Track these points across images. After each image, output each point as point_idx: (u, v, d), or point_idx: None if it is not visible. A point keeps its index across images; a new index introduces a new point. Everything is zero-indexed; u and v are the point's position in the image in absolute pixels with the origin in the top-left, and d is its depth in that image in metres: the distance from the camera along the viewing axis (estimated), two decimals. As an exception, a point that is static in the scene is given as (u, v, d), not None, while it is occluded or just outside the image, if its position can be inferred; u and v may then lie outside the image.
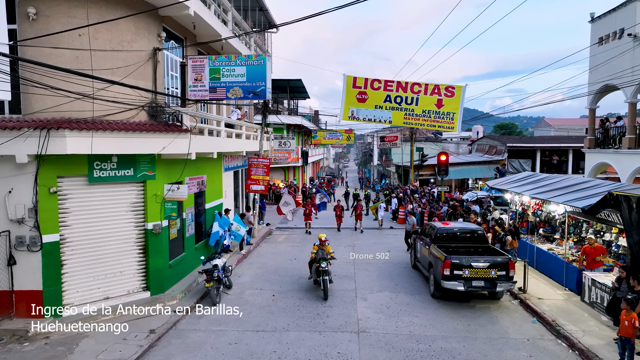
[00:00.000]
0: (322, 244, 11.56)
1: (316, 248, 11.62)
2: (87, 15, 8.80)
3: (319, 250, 11.50)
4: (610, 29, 19.14)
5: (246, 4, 18.05)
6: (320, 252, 11.45)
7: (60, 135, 8.29)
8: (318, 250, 11.52)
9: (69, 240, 9.39)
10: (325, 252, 11.47)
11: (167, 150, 9.89)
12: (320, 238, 11.70)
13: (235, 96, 10.78)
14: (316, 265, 11.26)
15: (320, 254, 11.40)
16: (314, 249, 11.69)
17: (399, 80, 11.91)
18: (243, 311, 10.09)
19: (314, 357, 7.96)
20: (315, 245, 11.74)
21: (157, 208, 10.52)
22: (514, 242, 13.24)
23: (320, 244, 11.58)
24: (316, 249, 11.57)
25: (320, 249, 11.50)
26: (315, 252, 11.53)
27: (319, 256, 11.33)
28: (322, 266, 11.02)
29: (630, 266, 8.66)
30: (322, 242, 11.58)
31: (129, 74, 9.58)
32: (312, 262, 11.77)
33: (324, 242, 11.59)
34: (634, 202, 8.34)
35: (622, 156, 18.11)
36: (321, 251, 11.47)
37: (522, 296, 11.04)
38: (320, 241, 11.61)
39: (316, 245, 11.72)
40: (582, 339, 8.48)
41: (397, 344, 8.47)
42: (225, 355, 8.04)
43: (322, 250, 11.49)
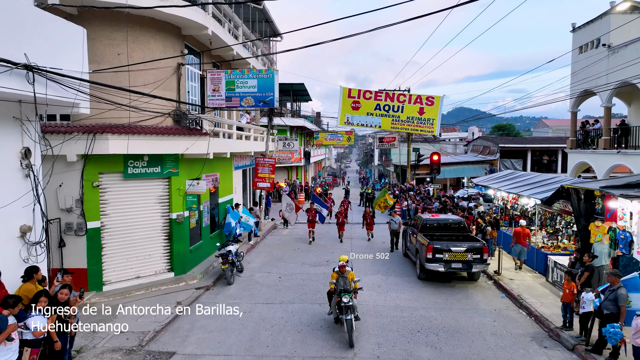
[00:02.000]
0: (342, 270, 9.10)
1: (335, 276, 9.12)
2: (126, 38, 10.51)
3: (339, 278, 9.03)
4: (589, 39, 20.75)
5: (254, 17, 19.75)
6: (342, 280, 8.99)
7: (103, 138, 10.01)
8: (338, 278, 9.04)
9: (108, 227, 11.10)
10: (347, 281, 9.01)
11: (190, 150, 11.60)
12: (340, 263, 9.21)
13: (248, 104, 12.51)
14: (337, 299, 8.87)
15: (342, 283, 8.96)
16: (332, 277, 9.20)
17: (387, 91, 13.80)
18: (254, 289, 11.79)
19: (314, 321, 9.63)
20: (334, 272, 9.23)
21: (180, 200, 12.21)
22: (493, 232, 14.87)
23: (339, 270, 9.10)
24: (335, 277, 9.10)
25: (341, 277, 9.04)
26: (334, 282, 9.05)
27: (339, 287, 8.92)
28: (344, 301, 8.56)
29: (582, 247, 10.31)
30: (342, 268, 9.10)
31: (158, 86, 11.27)
32: (331, 293, 9.30)
33: (344, 269, 9.12)
34: (582, 193, 9.99)
35: (599, 156, 19.70)
36: (342, 280, 9.00)
37: (496, 277, 12.69)
38: (340, 268, 9.11)
39: (335, 272, 9.21)
40: (539, 308, 10.12)
41: (384, 312, 10.15)
42: (240, 320, 9.71)
43: (344, 279, 9.03)
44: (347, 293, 8.70)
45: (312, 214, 18.12)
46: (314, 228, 18.14)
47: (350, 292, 8.75)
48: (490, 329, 9.27)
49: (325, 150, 59.88)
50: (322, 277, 12.78)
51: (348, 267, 9.31)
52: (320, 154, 51.28)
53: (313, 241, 17.98)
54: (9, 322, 5.28)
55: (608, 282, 7.62)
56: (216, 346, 8.41)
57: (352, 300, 8.64)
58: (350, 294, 8.71)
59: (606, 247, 9.66)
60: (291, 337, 8.84)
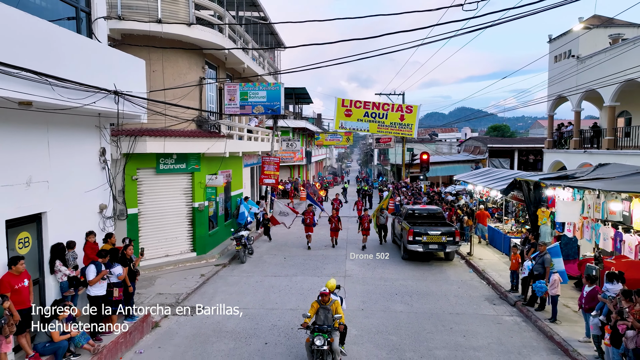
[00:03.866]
0: (325, 299, 6.82)
1: (315, 307, 6.89)
2: (160, 58, 12.85)
3: (320, 310, 6.87)
4: (562, 50, 23.04)
5: (261, 30, 22.11)
6: (323, 314, 6.84)
7: (143, 140, 12.34)
8: (319, 310, 6.87)
9: (143, 214, 13.44)
10: (330, 314, 6.80)
11: (210, 150, 13.92)
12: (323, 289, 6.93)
13: (258, 112, 14.85)
14: (307, 340, 6.73)
15: (322, 317, 6.82)
16: (311, 308, 6.92)
17: (374, 102, 16.38)
18: (263, 266, 14.12)
19: (314, 287, 11.92)
20: (314, 302, 6.98)
21: (201, 192, 14.54)
22: (469, 221, 17.16)
23: (321, 299, 6.85)
24: (315, 309, 6.87)
25: (322, 309, 6.86)
26: (311, 316, 6.82)
27: (317, 322, 6.82)
28: (317, 344, 6.46)
29: (531, 229, 12.61)
30: (325, 296, 6.83)
31: (184, 97, 13.61)
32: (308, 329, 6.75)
33: (327, 297, 6.84)
34: (531, 185, 12.29)
35: (570, 155, 22.00)
36: (323, 313, 6.84)
37: (468, 258, 14.99)
38: (322, 296, 6.84)
39: (316, 301, 6.96)
40: (496, 279, 12.42)
41: (369, 282, 12.48)
42: (253, 287, 12.05)
43: (326, 312, 6.83)
44: (321, 333, 6.48)
45: (310, 217, 16.70)
46: (312, 232, 16.67)
47: (326, 333, 6.51)
48: (454, 293, 11.59)
49: (326, 150, 62.21)
50: (321, 258, 15.12)
51: (335, 295, 7.19)
52: (321, 153, 53.62)
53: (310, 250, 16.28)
54: (101, 268, 7.64)
55: (539, 250, 9.91)
56: (236, 303, 10.71)
57: (328, 343, 6.45)
58: (326, 335, 6.48)
59: (549, 228, 11.95)
60: (295, 297, 11.18)
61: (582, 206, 9.97)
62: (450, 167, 34.94)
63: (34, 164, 6.96)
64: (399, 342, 8.55)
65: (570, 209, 10.01)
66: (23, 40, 5.76)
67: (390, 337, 8.75)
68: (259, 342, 8.49)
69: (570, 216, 10.11)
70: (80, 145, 8.29)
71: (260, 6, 19.13)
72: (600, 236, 9.50)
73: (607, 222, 9.28)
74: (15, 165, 6.56)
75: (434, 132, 64.67)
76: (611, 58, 17.96)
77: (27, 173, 6.76)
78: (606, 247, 9.63)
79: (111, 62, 7.97)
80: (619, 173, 10.33)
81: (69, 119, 7.59)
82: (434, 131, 67.72)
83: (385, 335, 8.85)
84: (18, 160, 6.62)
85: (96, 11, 8.36)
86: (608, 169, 11.15)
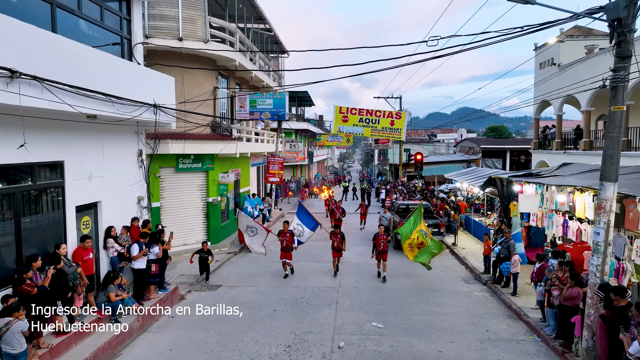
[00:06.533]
0: None
1: None
2: (180, 70, 14.71)
3: None
4: (546, 57, 24.81)
5: (267, 39, 23.99)
6: None
7: (165, 142, 14.19)
8: None
9: (164, 207, 15.30)
10: None
11: (223, 151, 15.77)
12: None
13: (265, 117, 16.70)
14: None
15: None
16: None
17: (368, 109, 18.26)
18: (270, 254, 15.93)
19: (314, 271, 13.79)
20: None
21: (214, 188, 16.39)
22: (456, 215, 18.96)
23: None
24: None
25: None
26: None
27: None
28: None
29: (505, 220, 14.41)
30: None
31: (201, 104, 15.47)
32: None
33: None
34: (504, 181, 14.08)
35: (553, 155, 23.74)
36: None
37: (452, 247, 16.79)
38: None
39: None
40: (474, 264, 14.20)
41: (363, 266, 14.31)
42: (262, 270, 13.89)
43: None
44: None
45: (288, 238, 13.08)
46: (290, 259, 13.11)
47: None
48: (435, 274, 13.40)
49: (327, 150, 64.02)
50: (320, 248, 16.94)
51: None
52: (323, 154, 55.44)
53: (291, 274, 13.20)
54: (143, 247, 9.52)
55: (504, 236, 11.71)
56: (248, 283, 12.60)
57: None
58: None
59: (519, 219, 13.74)
60: (298, 278, 13.02)
61: (542, 199, 11.73)
62: (444, 167, 36.67)
63: (93, 163, 8.83)
64: (384, 309, 10.38)
65: (530, 201, 11.78)
66: (96, 68, 7.62)
67: (377, 306, 10.59)
68: (269, 309, 10.35)
69: (530, 207, 11.89)
70: (124, 148, 10.16)
71: (266, 19, 20.99)
72: (553, 224, 11.27)
73: (559, 211, 11.04)
74: (82, 164, 8.44)
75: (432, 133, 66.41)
76: (586, 66, 19.73)
77: (89, 170, 8.64)
78: (557, 232, 11.42)
79: (150, 80, 9.82)
80: (576, 171, 12.11)
81: (117, 127, 9.45)
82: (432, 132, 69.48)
83: (373, 305, 10.68)
84: (84, 160, 8.49)
85: (135, 37, 10.22)
86: (569, 168, 12.93)
